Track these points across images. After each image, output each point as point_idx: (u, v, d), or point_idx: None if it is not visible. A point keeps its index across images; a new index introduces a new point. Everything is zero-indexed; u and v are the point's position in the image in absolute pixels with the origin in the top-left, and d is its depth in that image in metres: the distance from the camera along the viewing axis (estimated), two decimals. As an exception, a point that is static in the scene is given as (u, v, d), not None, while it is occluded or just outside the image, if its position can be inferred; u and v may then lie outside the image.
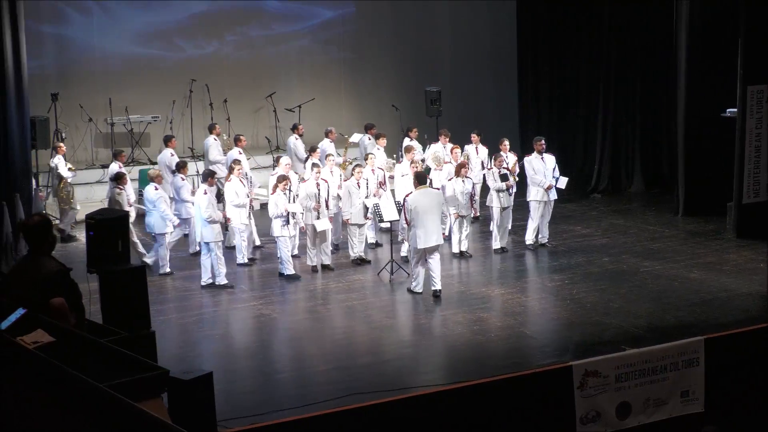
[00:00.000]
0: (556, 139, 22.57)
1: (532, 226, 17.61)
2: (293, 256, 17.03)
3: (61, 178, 18.77)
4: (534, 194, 17.55)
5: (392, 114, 23.85)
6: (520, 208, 18.16)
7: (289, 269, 15.99)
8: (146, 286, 10.24)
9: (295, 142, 20.77)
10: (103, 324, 9.24)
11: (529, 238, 17.62)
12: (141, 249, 16.67)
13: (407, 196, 15.28)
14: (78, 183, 19.65)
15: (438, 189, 16.41)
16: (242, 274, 16.35)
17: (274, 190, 16.07)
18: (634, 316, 13.74)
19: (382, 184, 17.38)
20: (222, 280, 15.54)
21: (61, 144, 19.60)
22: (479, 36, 25.84)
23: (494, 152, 18.31)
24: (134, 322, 9.69)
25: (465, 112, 24.78)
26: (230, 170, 16.76)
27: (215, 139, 20.25)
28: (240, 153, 19.10)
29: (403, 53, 25.56)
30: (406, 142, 19.94)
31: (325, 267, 16.49)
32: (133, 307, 9.96)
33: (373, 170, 17.36)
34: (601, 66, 22.70)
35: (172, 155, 19.13)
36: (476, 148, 19.50)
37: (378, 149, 19.51)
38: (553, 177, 17.52)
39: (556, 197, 17.77)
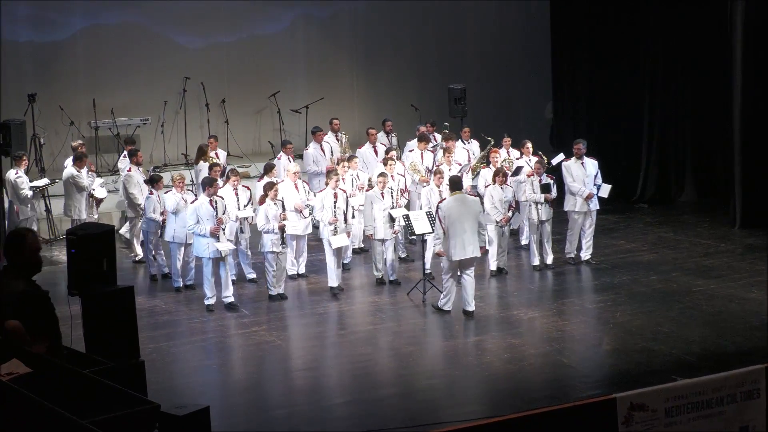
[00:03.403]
0: (595, 141, 22.51)
1: (572, 238, 17.64)
2: (299, 275, 17.06)
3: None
4: (572, 204, 17.54)
5: (411, 115, 23.85)
6: (558, 219, 18.11)
7: (274, 290, 15.99)
8: (134, 309, 10.23)
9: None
10: (85, 353, 9.23)
11: (570, 252, 17.64)
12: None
13: (440, 202, 15.44)
14: (57, 195, 19.62)
15: (474, 195, 16.47)
16: (243, 297, 16.34)
17: (262, 200, 16.03)
18: (686, 342, 13.68)
19: (403, 192, 17.36)
20: (207, 301, 15.62)
21: (212, 139, 20.31)
22: (509, 28, 25.85)
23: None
24: (121, 350, 9.68)
25: (493, 113, 24.78)
26: (226, 179, 16.86)
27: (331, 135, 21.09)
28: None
29: (423, 47, 25.57)
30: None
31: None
32: (120, 334, 9.94)
33: (392, 176, 17.40)
34: (647, 61, 22.64)
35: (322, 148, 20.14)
36: (507, 152, 19.48)
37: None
38: (595, 185, 17.49)
39: (598, 207, 17.73)
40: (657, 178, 22.79)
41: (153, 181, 17.21)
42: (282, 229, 15.82)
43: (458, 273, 15.05)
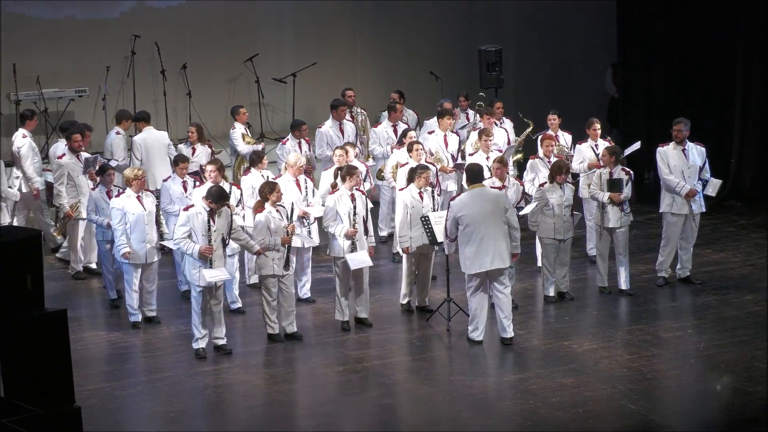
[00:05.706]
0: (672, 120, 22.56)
1: (666, 250, 17.40)
2: (304, 300, 16.82)
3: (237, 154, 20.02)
4: (668, 203, 17.27)
5: (430, 84, 23.87)
6: (643, 223, 17.98)
7: (275, 325, 15.59)
8: (68, 340, 10.24)
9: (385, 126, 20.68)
10: (3, 397, 9.27)
11: (663, 268, 17.47)
12: None
13: (452, 199, 15.40)
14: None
15: (500, 188, 16.14)
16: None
17: (259, 207, 15.37)
18: (791, 382, 13.72)
19: (434, 187, 17.03)
20: (195, 344, 15.20)
21: (243, 109, 20.54)
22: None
23: (579, 139, 18.38)
24: (51, 393, 9.71)
25: (538, 83, 24.80)
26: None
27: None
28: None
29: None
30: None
31: (360, 321, 16.19)
32: (50, 372, 9.97)
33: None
34: (741, 23, 22.56)
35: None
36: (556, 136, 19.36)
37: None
38: (700, 179, 17.25)
39: (704, 209, 17.46)
40: (753, 168, 22.74)
41: (102, 172, 17.02)
42: (288, 245, 15.48)
43: (484, 291, 15.06)
